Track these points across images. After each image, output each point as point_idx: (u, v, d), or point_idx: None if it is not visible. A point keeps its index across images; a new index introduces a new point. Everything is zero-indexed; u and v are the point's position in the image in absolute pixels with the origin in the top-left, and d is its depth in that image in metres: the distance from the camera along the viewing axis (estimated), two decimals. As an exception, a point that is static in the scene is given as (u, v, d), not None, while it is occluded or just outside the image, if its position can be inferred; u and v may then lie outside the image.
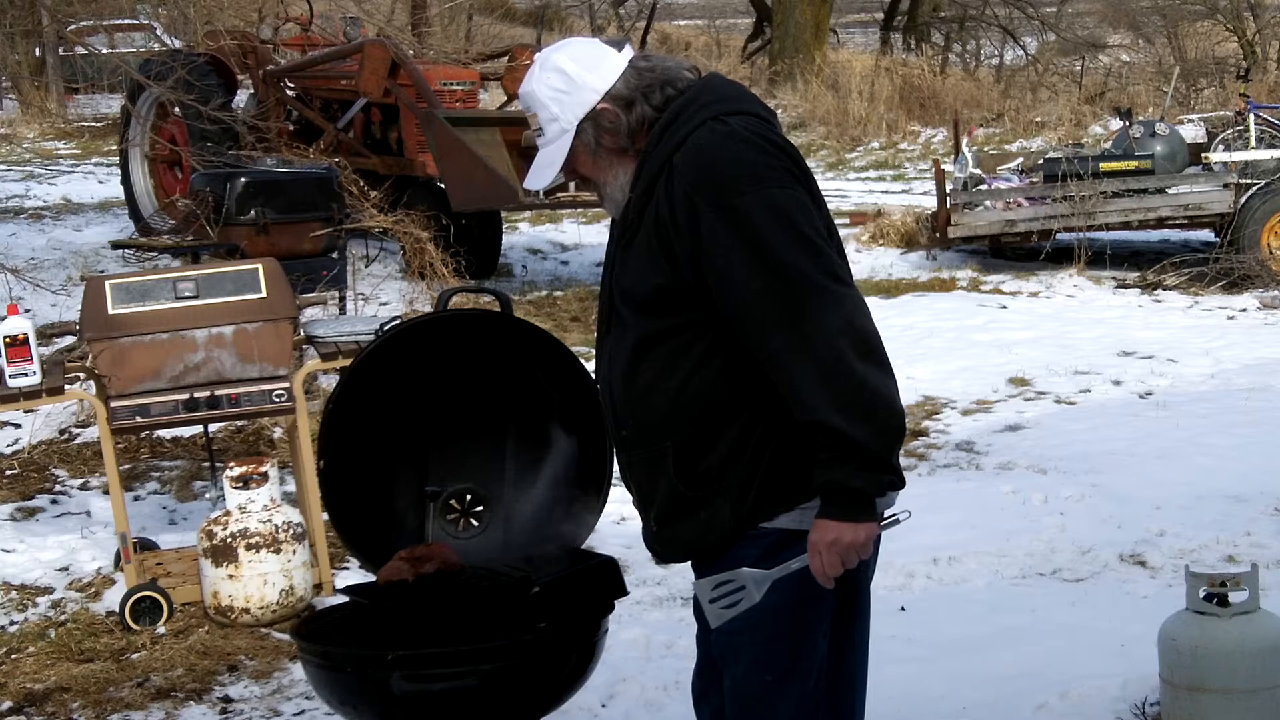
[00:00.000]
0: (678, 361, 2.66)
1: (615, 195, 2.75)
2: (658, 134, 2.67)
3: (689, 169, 2.59)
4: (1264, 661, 3.64)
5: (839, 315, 2.54)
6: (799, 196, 2.60)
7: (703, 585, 2.66)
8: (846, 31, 31.49)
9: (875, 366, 2.55)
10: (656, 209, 2.63)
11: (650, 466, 2.72)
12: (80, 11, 16.72)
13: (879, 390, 2.54)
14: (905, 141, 18.60)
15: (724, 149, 2.59)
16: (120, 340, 5.05)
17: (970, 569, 5.40)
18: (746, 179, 2.57)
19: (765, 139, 2.63)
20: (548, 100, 2.71)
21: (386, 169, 10.91)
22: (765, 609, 2.65)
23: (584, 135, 2.71)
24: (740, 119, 2.64)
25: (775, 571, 2.63)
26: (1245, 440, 6.87)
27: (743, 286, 2.55)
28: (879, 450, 2.54)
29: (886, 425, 2.55)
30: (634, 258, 2.68)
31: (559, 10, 27.84)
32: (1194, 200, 11.07)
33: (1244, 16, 21.87)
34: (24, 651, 5.05)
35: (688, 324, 2.65)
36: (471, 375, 3.31)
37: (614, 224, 2.85)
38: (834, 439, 2.52)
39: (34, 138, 19.68)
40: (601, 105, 2.69)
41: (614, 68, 2.70)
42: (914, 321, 9.89)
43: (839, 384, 2.52)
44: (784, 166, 2.62)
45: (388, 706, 2.94)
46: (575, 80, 2.69)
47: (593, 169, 2.75)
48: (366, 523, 3.29)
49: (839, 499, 2.57)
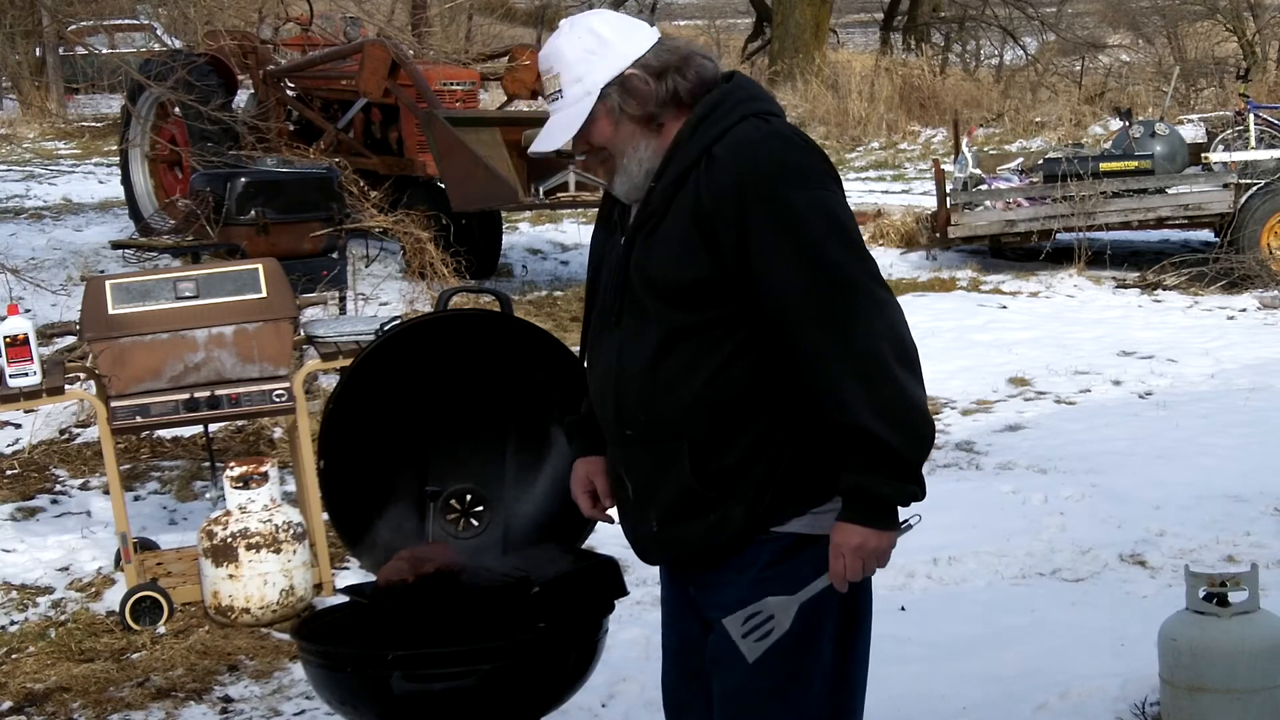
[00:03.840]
0: (707, 357, 2.61)
1: (631, 169, 2.66)
2: (692, 124, 2.61)
3: (736, 160, 2.55)
4: (1264, 661, 3.64)
5: (884, 321, 2.54)
6: (844, 200, 2.60)
7: (733, 623, 2.62)
8: (846, 31, 31.49)
9: (913, 375, 2.54)
10: (696, 199, 2.57)
11: (657, 464, 2.66)
12: (80, 11, 16.72)
13: (916, 399, 2.53)
14: (905, 141, 18.60)
15: (771, 145, 2.57)
16: (120, 340, 5.05)
17: (970, 569, 5.40)
18: (797, 177, 2.55)
19: (808, 141, 2.62)
20: (575, 60, 2.62)
21: (386, 169, 10.91)
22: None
23: (609, 99, 2.62)
24: (778, 120, 2.64)
25: (800, 595, 2.61)
26: (1245, 440, 6.87)
27: (789, 282, 2.52)
28: (911, 459, 2.52)
29: (920, 435, 2.54)
30: (662, 247, 2.61)
31: (559, 10, 27.82)
32: (1194, 200, 11.07)
33: (1244, 16, 21.86)
34: (24, 651, 5.05)
35: (722, 318, 2.60)
36: (471, 375, 3.31)
37: (608, 211, 2.79)
38: (869, 444, 2.50)
39: (34, 138, 19.68)
40: (630, 70, 2.62)
41: (646, 38, 2.65)
42: (914, 321, 9.60)
43: (879, 389, 2.50)
44: (827, 170, 2.61)
45: (388, 706, 2.93)
46: (609, 42, 2.62)
47: (613, 137, 2.65)
48: (366, 523, 3.29)
49: (866, 504, 2.54)
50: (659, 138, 2.65)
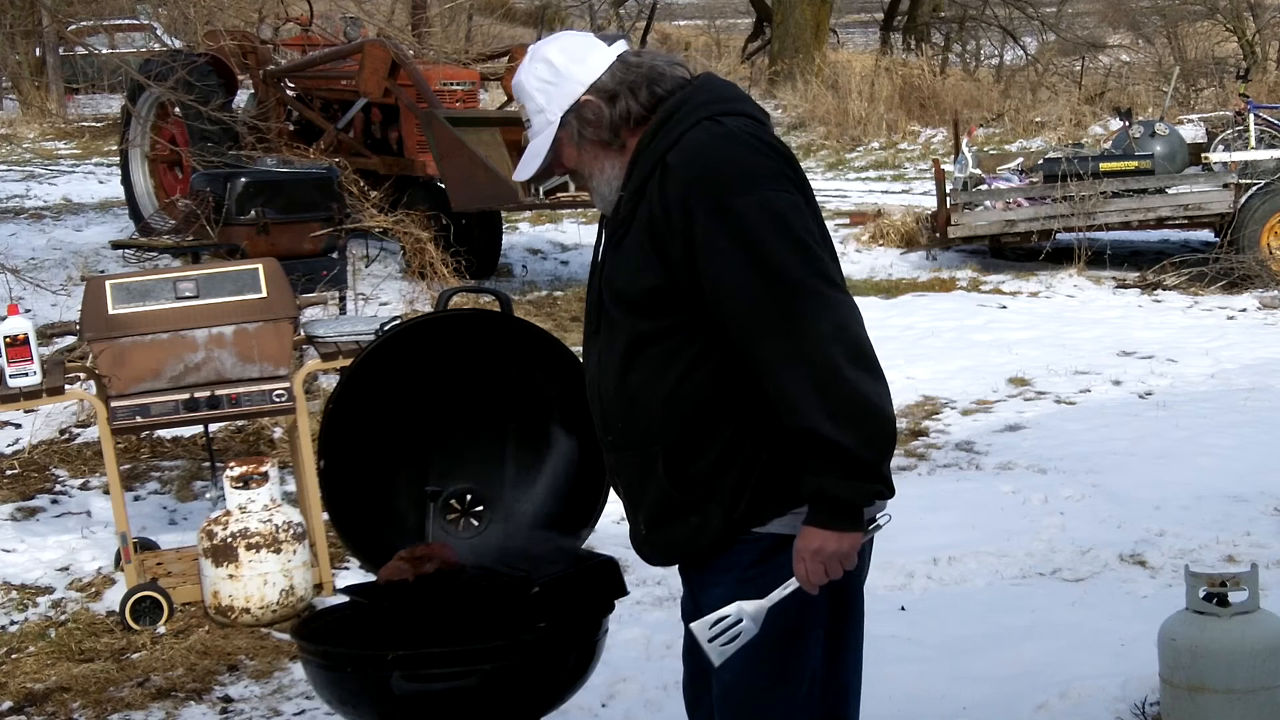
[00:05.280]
0: (669, 364, 2.63)
1: (603, 189, 2.72)
2: (651, 132, 2.64)
3: (683, 168, 2.57)
4: (1264, 661, 3.64)
5: (831, 320, 2.51)
6: (794, 199, 2.58)
7: (699, 627, 2.61)
8: (846, 31, 31.50)
9: (867, 374, 2.52)
10: (650, 208, 2.59)
11: (639, 469, 2.69)
12: (80, 11, 16.73)
13: (870, 398, 2.51)
14: (905, 141, 18.60)
15: (719, 149, 2.57)
16: (120, 340, 5.05)
17: (970, 569, 5.40)
18: (742, 180, 2.54)
19: (761, 140, 2.61)
20: (534, 91, 2.69)
21: (386, 169, 10.91)
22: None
23: (568, 127, 2.68)
24: (735, 119, 2.62)
25: (769, 599, 2.61)
26: (1245, 440, 6.87)
27: (735, 289, 2.53)
28: (868, 459, 2.51)
29: (876, 434, 2.52)
30: (625, 257, 2.65)
31: (559, 10, 27.82)
32: (1194, 200, 11.07)
33: (1244, 16, 21.87)
34: (24, 651, 5.05)
35: (680, 325, 2.62)
36: (471, 375, 3.31)
37: (602, 222, 2.82)
38: (823, 446, 2.50)
39: (34, 138, 19.68)
40: (585, 97, 2.66)
41: (602, 61, 2.68)
42: (914, 321, 9.90)
43: (830, 391, 2.49)
44: (779, 169, 2.59)
45: (388, 706, 2.94)
46: (561, 72, 2.67)
47: (578, 161, 2.72)
48: (366, 523, 3.29)
49: (826, 507, 2.54)
50: (623, 155, 2.69)
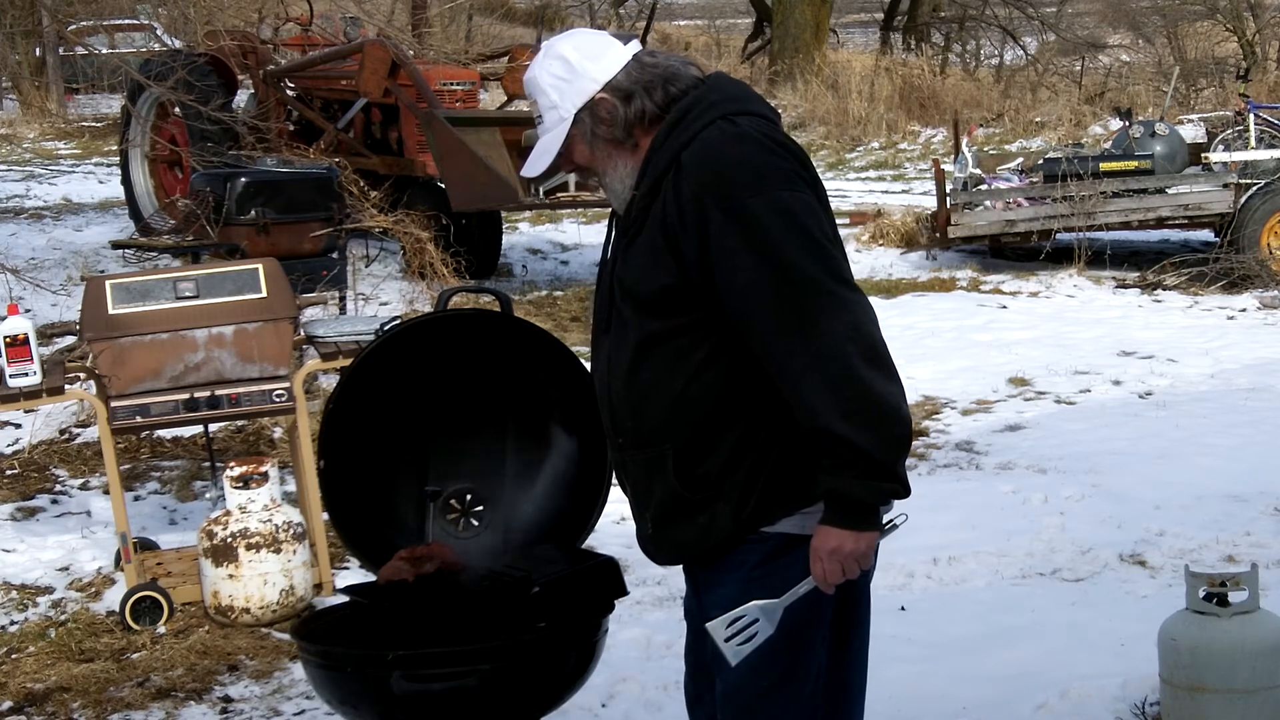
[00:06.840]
0: (680, 363, 2.63)
1: (616, 187, 2.72)
2: (664, 132, 2.64)
3: (697, 168, 2.57)
4: (1264, 661, 3.64)
5: (846, 320, 2.51)
6: (807, 199, 2.58)
7: (715, 626, 2.61)
8: (846, 31, 31.49)
9: (881, 373, 2.52)
10: (663, 207, 2.59)
11: (648, 468, 2.69)
12: (80, 11, 16.75)
13: (885, 398, 2.51)
14: (905, 141, 18.60)
15: (733, 149, 2.57)
16: (120, 340, 5.05)
17: (970, 569, 5.40)
18: (755, 180, 2.54)
19: (774, 140, 2.62)
20: (548, 87, 2.69)
21: (386, 169, 10.91)
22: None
23: (581, 125, 2.68)
24: (749, 119, 2.63)
25: (785, 598, 2.60)
26: (1245, 440, 6.87)
27: (749, 289, 2.53)
28: (883, 459, 2.51)
29: (891, 433, 2.52)
30: (638, 256, 2.65)
31: (559, 10, 27.83)
32: (1194, 200, 11.07)
33: (1244, 16, 21.88)
34: (24, 651, 5.05)
35: (692, 325, 2.62)
36: (471, 375, 3.31)
37: (612, 220, 2.82)
38: (838, 446, 2.49)
39: (34, 138, 19.68)
40: (600, 95, 2.66)
41: (617, 59, 2.68)
42: (914, 321, 9.89)
43: (844, 391, 2.48)
44: (792, 169, 2.59)
45: (388, 706, 2.94)
46: (576, 68, 2.67)
47: (590, 159, 2.72)
48: (366, 523, 3.29)
49: (842, 507, 2.54)
50: (636, 154, 2.69)
